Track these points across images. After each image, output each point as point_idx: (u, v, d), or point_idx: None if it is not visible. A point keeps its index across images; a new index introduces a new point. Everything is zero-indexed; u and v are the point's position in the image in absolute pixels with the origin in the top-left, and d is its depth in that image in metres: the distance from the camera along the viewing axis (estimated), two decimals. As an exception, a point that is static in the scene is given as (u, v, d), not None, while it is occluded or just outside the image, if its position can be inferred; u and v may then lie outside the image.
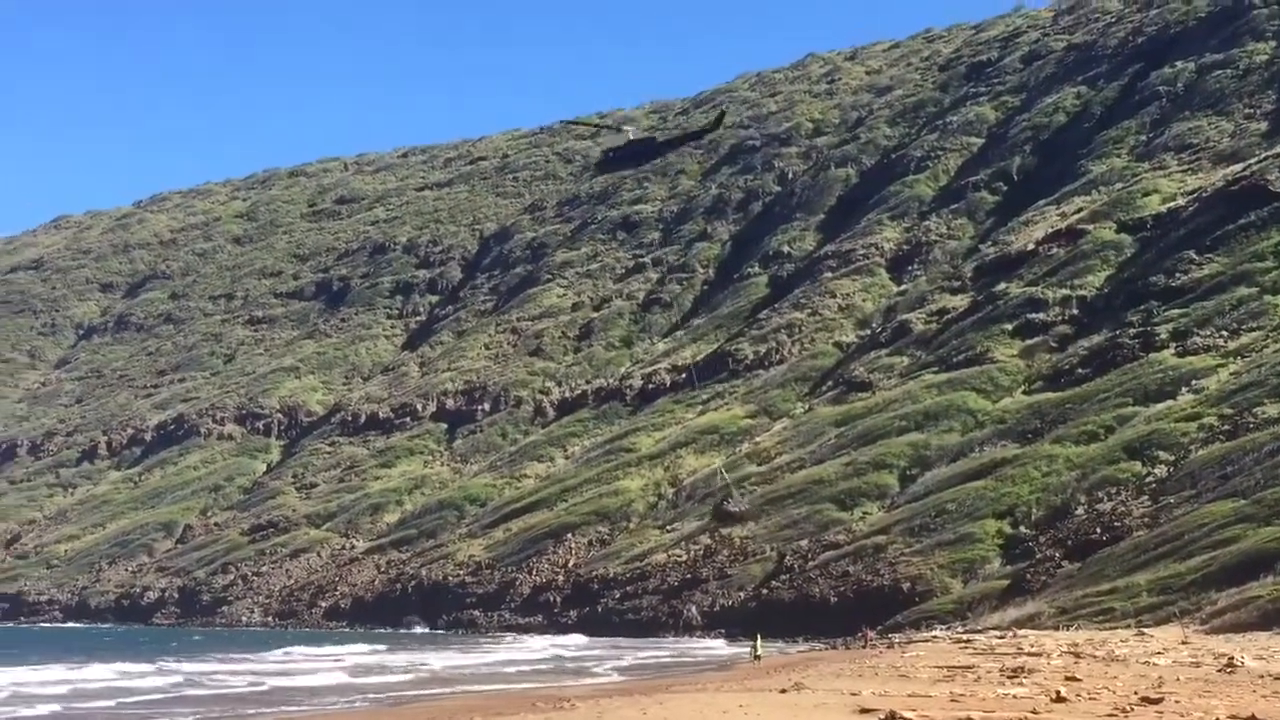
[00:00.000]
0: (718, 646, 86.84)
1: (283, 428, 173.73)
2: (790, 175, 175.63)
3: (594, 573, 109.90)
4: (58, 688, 54.91)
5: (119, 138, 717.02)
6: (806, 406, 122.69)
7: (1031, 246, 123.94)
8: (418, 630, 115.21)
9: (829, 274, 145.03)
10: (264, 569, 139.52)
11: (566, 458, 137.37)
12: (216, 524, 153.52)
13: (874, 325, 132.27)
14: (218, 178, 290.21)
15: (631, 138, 62.47)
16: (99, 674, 62.63)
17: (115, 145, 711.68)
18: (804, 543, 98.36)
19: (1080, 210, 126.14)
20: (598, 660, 73.87)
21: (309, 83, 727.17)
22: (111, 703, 49.72)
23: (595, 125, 62.86)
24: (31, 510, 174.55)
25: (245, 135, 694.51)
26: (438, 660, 74.55)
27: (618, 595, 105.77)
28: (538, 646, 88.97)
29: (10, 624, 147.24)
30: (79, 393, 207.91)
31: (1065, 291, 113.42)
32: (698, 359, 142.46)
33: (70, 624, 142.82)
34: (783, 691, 39.53)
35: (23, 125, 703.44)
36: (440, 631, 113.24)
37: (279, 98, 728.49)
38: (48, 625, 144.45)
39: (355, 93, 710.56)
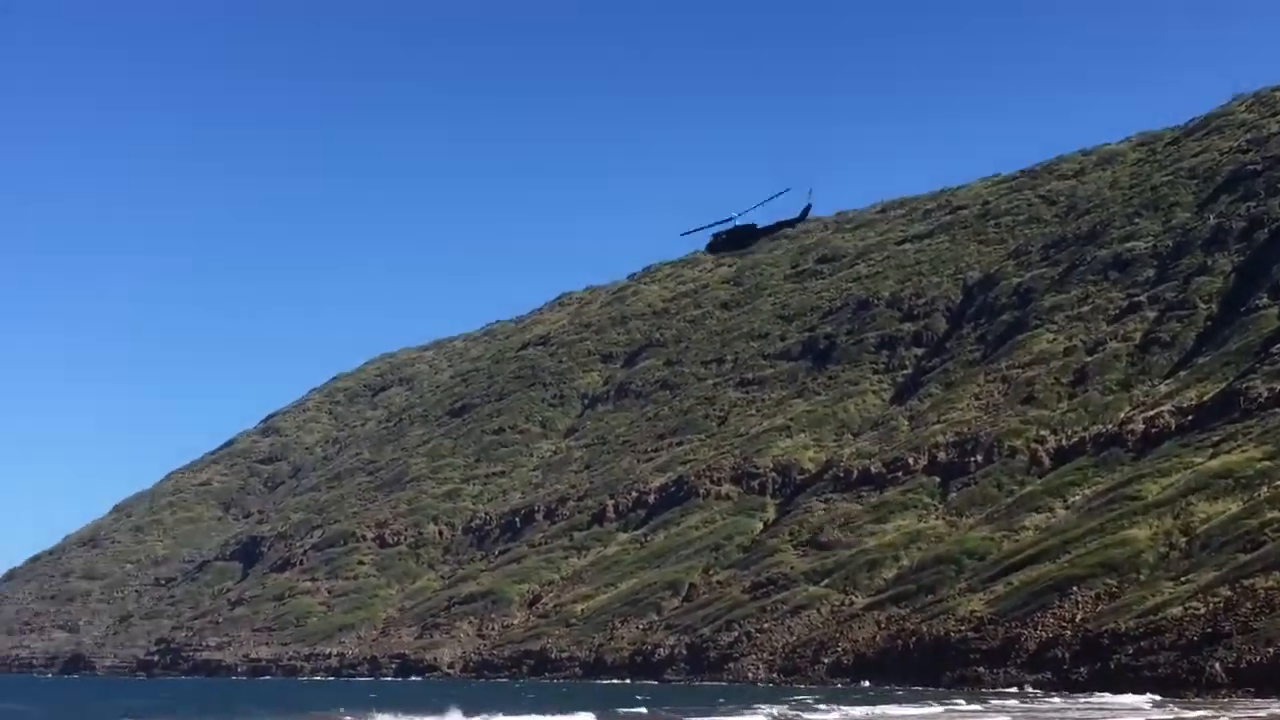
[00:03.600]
0: (1257, 705, 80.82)
1: (777, 486, 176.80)
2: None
3: (1103, 627, 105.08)
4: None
5: (612, 214, 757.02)
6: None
7: None
8: (1032, 688, 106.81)
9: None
10: (766, 625, 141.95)
11: (1066, 508, 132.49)
12: (719, 582, 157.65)
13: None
14: (704, 246, 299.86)
15: (737, 224, 67.07)
16: None
17: (609, 221, 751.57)
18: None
19: None
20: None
21: (780, 151, 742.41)
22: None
23: (704, 228, 69.02)
24: (549, 572, 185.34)
25: (728, 203, 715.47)
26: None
27: (1130, 650, 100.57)
28: (1117, 704, 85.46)
29: (540, 679, 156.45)
30: (587, 459, 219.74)
31: None
32: (1205, 398, 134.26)
33: (591, 680, 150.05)
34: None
35: (527, 210, 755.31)
36: (1006, 690, 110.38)
37: (736, 168, 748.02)
38: (568, 680, 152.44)
39: (831, 154, 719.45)
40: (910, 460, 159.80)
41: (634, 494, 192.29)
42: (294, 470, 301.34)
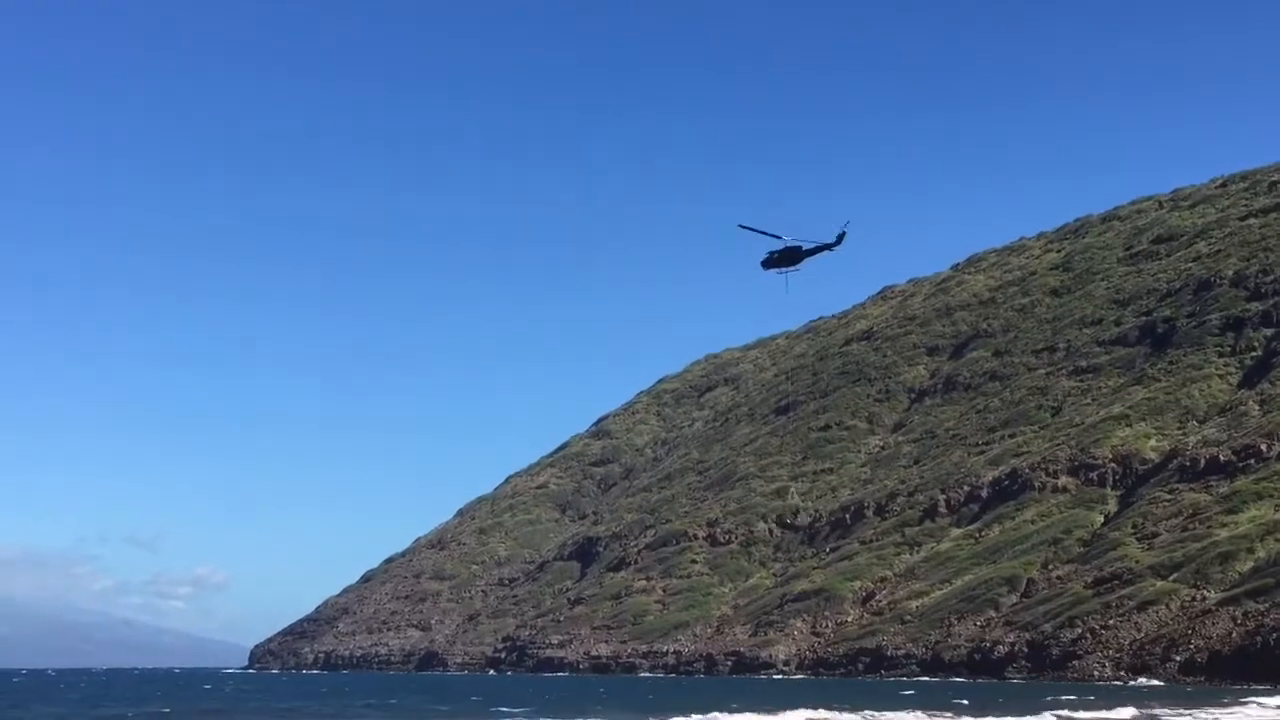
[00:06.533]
0: None
1: (1117, 477, 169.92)
2: None
3: None
4: None
5: (933, 205, 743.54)
6: None
7: None
8: None
9: None
10: (1110, 622, 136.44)
11: None
12: (1058, 577, 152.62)
13: None
14: (1030, 232, 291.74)
15: (787, 244, 72.25)
16: None
17: (930, 210, 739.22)
18: None
19: None
20: None
21: (1112, 126, 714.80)
22: None
23: (760, 231, 70.40)
24: (881, 569, 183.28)
25: (1055, 185, 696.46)
26: None
27: None
28: None
29: (872, 677, 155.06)
30: (915, 454, 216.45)
31: None
32: None
33: (926, 678, 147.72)
34: None
35: (849, 204, 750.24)
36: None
37: (1089, 144, 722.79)
38: (910, 679, 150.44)
39: (1168, 127, 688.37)
40: (1263, 447, 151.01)
41: (966, 488, 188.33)
42: (625, 471, 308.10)
